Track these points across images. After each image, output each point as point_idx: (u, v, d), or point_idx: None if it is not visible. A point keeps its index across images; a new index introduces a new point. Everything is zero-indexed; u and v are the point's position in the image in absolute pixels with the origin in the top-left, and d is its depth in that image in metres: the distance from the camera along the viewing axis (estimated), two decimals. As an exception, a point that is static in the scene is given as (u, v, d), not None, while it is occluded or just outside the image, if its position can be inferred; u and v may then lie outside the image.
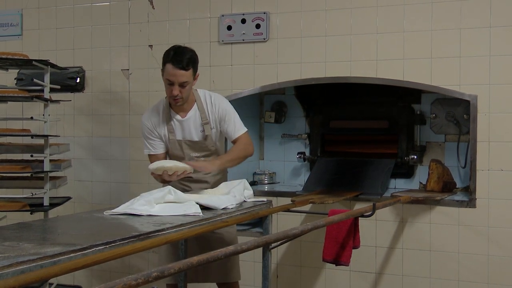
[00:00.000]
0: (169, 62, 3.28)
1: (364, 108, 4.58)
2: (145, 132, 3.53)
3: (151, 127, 3.51)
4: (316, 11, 4.19)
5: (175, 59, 3.27)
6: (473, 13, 3.82)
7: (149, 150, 3.54)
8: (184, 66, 3.29)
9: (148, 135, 3.52)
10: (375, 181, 4.23)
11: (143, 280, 1.64)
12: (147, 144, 3.54)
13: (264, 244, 2.32)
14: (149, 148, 3.54)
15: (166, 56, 3.33)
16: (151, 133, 3.51)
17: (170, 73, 3.28)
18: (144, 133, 3.53)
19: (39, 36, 5.01)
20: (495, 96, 3.77)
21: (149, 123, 3.51)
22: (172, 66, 3.28)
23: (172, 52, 3.31)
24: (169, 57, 3.30)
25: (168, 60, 3.29)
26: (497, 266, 3.78)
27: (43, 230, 2.47)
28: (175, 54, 3.30)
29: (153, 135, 3.51)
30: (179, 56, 3.29)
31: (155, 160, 3.39)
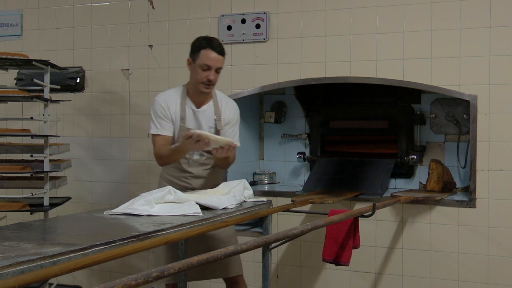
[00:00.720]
0: (209, 48, 3.38)
1: (364, 108, 4.58)
2: (157, 110, 3.48)
3: (166, 107, 3.48)
4: (316, 11, 4.20)
5: (214, 45, 3.40)
6: (473, 13, 3.82)
7: (157, 130, 3.46)
8: (222, 52, 3.44)
9: (160, 114, 3.47)
10: (375, 181, 4.23)
11: (143, 280, 1.64)
12: (156, 123, 3.47)
13: (264, 244, 2.32)
14: (157, 127, 3.47)
15: (203, 42, 3.42)
16: (164, 113, 3.47)
17: (210, 58, 3.38)
18: (156, 112, 3.48)
19: (39, 36, 5.01)
20: (495, 96, 3.78)
21: (164, 103, 3.49)
22: (212, 51, 3.38)
23: (207, 39, 3.43)
24: (208, 42, 3.40)
25: (207, 46, 3.39)
26: (497, 266, 3.78)
27: (43, 230, 2.47)
28: (212, 41, 3.43)
29: (165, 115, 3.48)
30: (216, 42, 3.44)
31: (160, 142, 3.41)
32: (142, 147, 4.71)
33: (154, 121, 3.47)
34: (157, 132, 3.46)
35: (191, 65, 3.47)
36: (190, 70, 3.49)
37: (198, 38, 3.48)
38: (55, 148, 4.06)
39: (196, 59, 3.42)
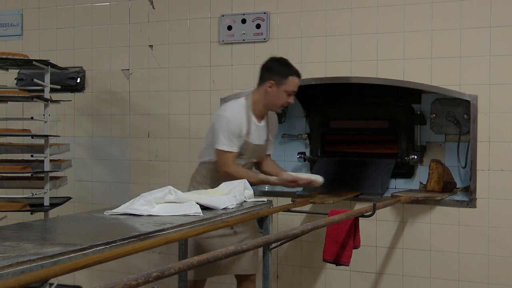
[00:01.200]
0: (294, 75, 3.63)
1: (364, 108, 4.58)
2: (231, 128, 3.55)
3: (240, 125, 3.58)
4: (316, 11, 4.20)
5: (298, 72, 3.66)
6: (473, 13, 3.82)
7: (229, 147, 3.54)
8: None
9: (233, 132, 3.55)
10: (375, 181, 4.23)
11: (143, 280, 1.64)
12: (229, 140, 3.54)
13: (264, 244, 2.32)
14: (229, 145, 3.55)
15: (288, 68, 3.63)
16: (238, 132, 3.57)
17: (296, 84, 3.65)
18: (231, 129, 3.54)
19: (39, 36, 5.01)
20: (495, 96, 3.78)
21: (237, 121, 3.58)
22: (297, 78, 3.65)
23: (292, 66, 3.66)
24: (292, 70, 3.64)
25: (293, 73, 3.63)
26: (497, 266, 3.78)
27: (43, 230, 2.48)
28: (294, 67, 3.67)
29: (238, 134, 3.57)
30: (296, 68, 3.68)
31: (231, 159, 3.54)
32: (143, 147, 4.71)
33: (226, 137, 3.54)
34: (229, 150, 3.55)
35: (272, 88, 3.61)
36: (271, 92, 3.62)
37: (282, 63, 3.66)
38: (55, 148, 4.06)
39: (282, 84, 3.60)
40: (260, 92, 3.66)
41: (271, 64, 3.66)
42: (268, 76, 3.62)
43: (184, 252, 3.42)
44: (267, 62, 3.70)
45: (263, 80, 3.66)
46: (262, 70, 3.70)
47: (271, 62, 3.68)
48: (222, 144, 3.53)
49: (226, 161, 3.54)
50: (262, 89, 3.64)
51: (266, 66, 3.69)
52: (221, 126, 3.55)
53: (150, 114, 4.69)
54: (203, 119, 4.50)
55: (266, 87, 3.62)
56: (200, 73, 4.52)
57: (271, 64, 3.67)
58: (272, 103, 3.65)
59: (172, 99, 4.61)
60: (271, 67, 3.65)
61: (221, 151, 3.55)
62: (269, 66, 3.66)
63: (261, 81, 3.67)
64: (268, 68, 3.66)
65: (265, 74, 3.66)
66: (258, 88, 3.68)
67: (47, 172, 3.92)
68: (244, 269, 3.62)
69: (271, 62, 3.68)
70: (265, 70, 3.67)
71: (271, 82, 3.60)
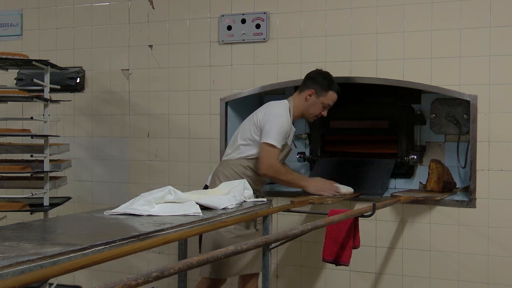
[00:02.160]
0: (335, 91, 3.84)
1: (364, 108, 4.58)
2: (285, 127, 3.71)
3: (289, 126, 3.78)
4: (316, 11, 4.20)
5: (338, 89, 3.85)
6: (473, 13, 3.82)
7: (278, 144, 3.66)
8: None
9: (286, 131, 3.72)
10: (375, 181, 4.23)
11: (143, 280, 1.64)
12: (280, 137, 3.66)
13: (263, 244, 2.32)
14: (279, 141, 3.66)
15: (330, 83, 3.83)
16: (287, 131, 3.75)
17: (333, 100, 3.86)
18: (284, 128, 3.70)
19: (39, 36, 5.01)
20: (495, 96, 3.78)
21: (289, 121, 3.76)
22: (336, 95, 3.85)
23: (334, 81, 3.84)
24: (334, 85, 3.83)
25: (334, 88, 3.83)
26: (497, 266, 3.78)
27: (43, 230, 2.47)
28: (336, 84, 3.85)
29: (286, 133, 3.74)
30: (338, 86, 3.87)
31: (277, 153, 3.65)
32: (142, 147, 4.71)
33: (278, 134, 3.66)
34: (278, 146, 3.66)
35: (312, 97, 3.81)
36: (309, 100, 3.81)
37: (326, 76, 3.84)
38: (55, 148, 4.06)
39: (322, 96, 3.81)
40: (300, 99, 3.84)
41: (316, 75, 3.85)
42: (310, 85, 3.82)
43: (184, 252, 3.42)
44: (312, 72, 3.89)
45: (305, 87, 3.84)
46: (306, 78, 3.88)
47: (316, 73, 3.87)
48: (273, 139, 3.62)
49: (273, 155, 3.63)
50: (302, 96, 3.83)
51: (310, 75, 3.88)
52: (277, 124, 3.67)
53: (149, 114, 4.69)
54: (203, 119, 4.50)
55: (306, 95, 3.81)
56: (200, 73, 4.52)
57: (316, 75, 3.85)
58: (308, 111, 3.84)
59: (171, 99, 4.62)
60: (315, 78, 3.83)
61: (270, 145, 3.63)
62: (313, 76, 3.85)
63: (303, 88, 3.85)
64: (312, 78, 3.85)
65: (307, 83, 3.84)
66: (299, 95, 3.86)
67: (46, 172, 3.92)
68: (259, 268, 3.66)
69: (316, 73, 3.87)
70: (308, 79, 3.86)
71: (312, 91, 3.80)
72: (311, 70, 4.14)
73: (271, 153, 3.63)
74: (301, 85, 3.89)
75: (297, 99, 3.85)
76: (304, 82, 3.88)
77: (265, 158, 3.63)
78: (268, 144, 3.62)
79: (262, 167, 3.65)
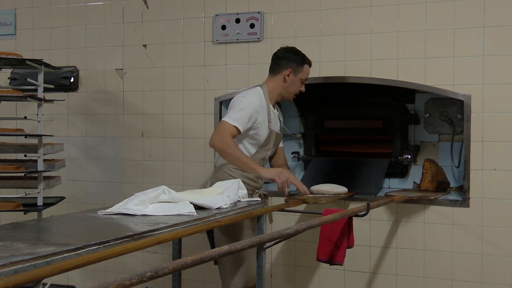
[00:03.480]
0: (307, 64, 3.77)
1: (358, 108, 4.58)
2: (251, 108, 3.53)
3: (258, 109, 3.58)
4: (310, 11, 4.20)
5: (310, 61, 3.80)
6: (466, 13, 3.83)
7: (233, 121, 3.46)
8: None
9: (251, 114, 3.53)
10: (369, 180, 4.24)
11: (137, 280, 1.64)
12: (239, 117, 3.48)
13: (258, 244, 2.32)
14: (235, 120, 3.47)
15: (303, 57, 3.75)
16: (256, 114, 3.56)
17: (308, 72, 3.80)
18: (249, 109, 3.52)
19: (33, 35, 5.00)
20: (488, 96, 3.79)
21: (257, 105, 3.58)
22: (308, 67, 3.79)
23: (303, 54, 3.76)
24: (306, 58, 3.76)
25: (307, 62, 3.76)
26: (490, 265, 3.79)
27: (37, 230, 2.47)
28: (306, 56, 3.77)
29: (254, 116, 3.56)
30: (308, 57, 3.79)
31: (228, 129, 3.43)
32: (137, 147, 4.70)
33: (242, 116, 3.48)
34: (234, 124, 3.46)
35: (289, 76, 3.71)
36: (288, 80, 3.72)
37: (296, 52, 3.76)
38: (49, 147, 4.05)
39: (298, 72, 3.73)
40: (276, 81, 3.73)
41: (286, 53, 3.74)
42: (285, 64, 3.70)
43: (178, 252, 3.42)
44: (280, 51, 3.76)
45: (279, 68, 3.72)
46: (277, 59, 3.76)
47: (285, 52, 3.75)
48: (229, 118, 3.48)
49: (226, 129, 3.44)
50: (279, 77, 3.72)
51: (280, 55, 3.75)
52: (237, 104, 3.54)
53: (144, 114, 4.68)
54: (197, 118, 4.50)
55: (284, 75, 3.70)
56: (194, 72, 4.52)
57: (286, 53, 3.74)
58: (288, 91, 3.74)
59: (166, 99, 4.61)
60: (287, 56, 3.72)
61: (223, 122, 3.49)
62: (284, 55, 3.73)
63: (278, 69, 3.73)
64: (284, 57, 3.73)
65: (280, 63, 3.71)
66: (273, 77, 3.75)
67: (40, 172, 3.91)
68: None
69: (285, 51, 3.75)
70: (281, 59, 3.73)
71: (290, 70, 3.69)
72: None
73: (224, 128, 3.44)
74: (273, 66, 3.76)
75: (272, 82, 3.73)
76: (276, 63, 3.75)
77: (217, 131, 3.46)
78: (223, 122, 3.48)
79: (211, 138, 3.47)
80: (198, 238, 4.33)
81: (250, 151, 3.65)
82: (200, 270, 4.42)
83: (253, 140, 3.63)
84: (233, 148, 3.43)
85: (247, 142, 3.63)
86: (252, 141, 3.63)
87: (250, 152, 3.64)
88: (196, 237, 4.30)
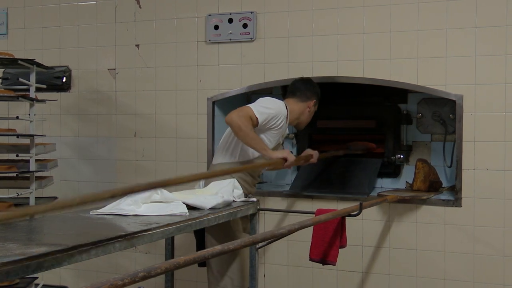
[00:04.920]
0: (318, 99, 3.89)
1: (351, 108, 4.59)
2: (277, 112, 3.57)
3: (282, 118, 3.61)
4: (303, 11, 4.20)
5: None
6: (459, 13, 3.85)
7: (261, 120, 3.48)
8: None
9: (274, 116, 3.56)
10: (361, 180, 4.24)
11: (130, 280, 1.64)
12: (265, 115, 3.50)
13: (251, 244, 2.32)
14: (263, 118, 3.49)
15: (318, 91, 3.87)
16: (279, 120, 3.59)
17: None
18: (275, 112, 3.55)
19: (25, 35, 4.98)
20: (480, 96, 3.80)
21: (283, 113, 3.63)
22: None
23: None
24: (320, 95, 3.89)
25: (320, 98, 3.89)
26: (482, 265, 3.80)
27: (28, 230, 2.46)
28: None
29: (276, 121, 3.58)
30: None
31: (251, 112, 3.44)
32: (129, 147, 4.69)
33: (263, 109, 3.51)
34: (257, 115, 3.46)
35: (312, 107, 3.85)
36: (310, 111, 3.86)
37: (314, 84, 3.86)
38: (41, 147, 4.04)
39: (315, 105, 3.87)
40: (299, 106, 3.80)
41: (312, 84, 3.85)
42: (311, 96, 3.80)
43: (171, 252, 3.41)
44: (310, 81, 3.87)
45: (305, 97, 3.79)
46: (308, 85, 3.83)
47: (312, 82, 3.86)
48: (253, 106, 3.50)
49: (244, 112, 3.44)
50: (303, 105, 3.80)
51: (309, 85, 3.84)
52: (263, 101, 3.58)
53: (136, 114, 4.67)
54: (190, 118, 4.49)
55: (310, 105, 3.81)
56: (187, 72, 4.51)
57: (312, 84, 3.85)
58: (307, 119, 3.89)
59: (158, 99, 4.60)
60: (313, 87, 3.83)
61: (247, 107, 3.49)
62: (312, 85, 3.84)
63: (304, 97, 3.79)
64: (311, 87, 3.83)
65: (308, 93, 3.80)
66: (298, 102, 3.80)
67: (32, 172, 3.90)
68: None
69: (312, 82, 3.86)
70: (309, 89, 3.82)
71: (315, 101, 3.83)
72: (298, 70, 4.16)
73: (246, 111, 3.45)
74: (300, 94, 3.81)
75: (296, 106, 3.78)
76: (305, 89, 3.81)
77: (238, 110, 3.45)
78: (248, 107, 3.49)
79: (230, 115, 3.45)
80: (191, 238, 4.33)
81: (249, 154, 3.63)
82: (193, 270, 4.41)
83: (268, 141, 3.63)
84: (250, 129, 3.42)
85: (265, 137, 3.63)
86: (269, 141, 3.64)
87: (249, 155, 3.63)
88: (189, 238, 4.31)
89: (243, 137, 3.43)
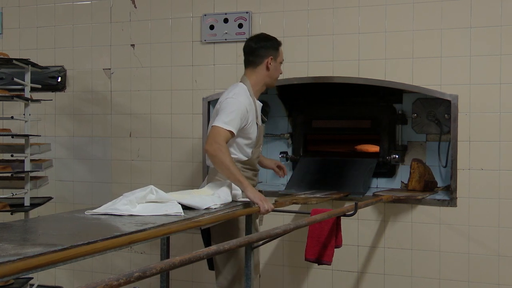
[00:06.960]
0: (280, 45, 3.66)
1: (346, 108, 4.60)
2: (241, 109, 3.40)
3: (248, 108, 3.46)
4: (298, 11, 4.20)
5: (280, 41, 3.69)
6: (453, 13, 3.86)
7: (225, 125, 3.33)
8: None
9: (242, 115, 3.41)
10: (357, 180, 4.25)
11: (125, 281, 1.63)
12: (235, 121, 3.37)
13: (246, 244, 2.32)
14: (234, 126, 3.36)
15: (275, 40, 3.66)
16: (246, 114, 3.45)
17: (282, 53, 3.69)
18: (240, 111, 3.40)
19: (20, 34, 4.97)
20: (475, 96, 3.81)
21: (246, 104, 3.46)
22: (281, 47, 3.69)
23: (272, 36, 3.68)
24: (278, 40, 3.67)
25: (280, 43, 3.67)
26: (477, 264, 3.81)
27: (23, 230, 2.45)
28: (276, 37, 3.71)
29: (245, 117, 3.45)
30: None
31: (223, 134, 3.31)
32: (124, 147, 4.69)
33: (226, 117, 3.35)
34: (228, 128, 3.33)
35: (271, 64, 3.59)
36: (271, 68, 3.59)
37: (268, 37, 3.66)
38: (36, 147, 4.03)
39: (277, 57, 3.63)
40: (259, 72, 3.59)
41: (260, 42, 3.61)
42: (263, 53, 3.58)
43: (166, 252, 3.41)
44: (253, 42, 3.63)
45: (259, 58, 3.58)
46: (253, 50, 3.61)
47: (258, 41, 3.62)
48: (221, 122, 3.34)
49: (221, 135, 3.30)
50: (261, 68, 3.58)
51: (255, 46, 3.61)
52: (230, 107, 3.40)
53: (132, 114, 4.67)
54: (185, 118, 4.49)
55: (267, 64, 3.57)
56: (182, 72, 4.51)
57: (260, 42, 3.61)
58: (272, 78, 3.64)
59: (154, 99, 4.60)
60: (262, 45, 3.60)
61: (215, 128, 3.32)
62: (259, 45, 3.60)
63: (257, 60, 3.58)
64: (259, 47, 3.59)
65: (259, 53, 3.58)
66: (255, 69, 3.59)
67: (27, 172, 3.89)
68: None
69: (258, 40, 3.62)
70: (259, 49, 3.59)
71: (270, 57, 3.57)
72: (294, 69, 4.16)
73: (218, 133, 3.31)
74: (251, 58, 3.60)
75: (254, 75, 3.59)
76: (253, 55, 3.59)
77: (211, 137, 3.31)
78: (216, 127, 3.33)
79: (207, 143, 3.32)
80: (186, 238, 4.33)
81: (247, 152, 3.56)
82: (189, 270, 4.42)
83: (247, 140, 3.54)
84: (228, 157, 3.28)
85: (243, 144, 3.49)
86: (247, 141, 3.54)
87: (247, 154, 3.56)
88: (184, 237, 4.31)
89: (223, 171, 3.32)
